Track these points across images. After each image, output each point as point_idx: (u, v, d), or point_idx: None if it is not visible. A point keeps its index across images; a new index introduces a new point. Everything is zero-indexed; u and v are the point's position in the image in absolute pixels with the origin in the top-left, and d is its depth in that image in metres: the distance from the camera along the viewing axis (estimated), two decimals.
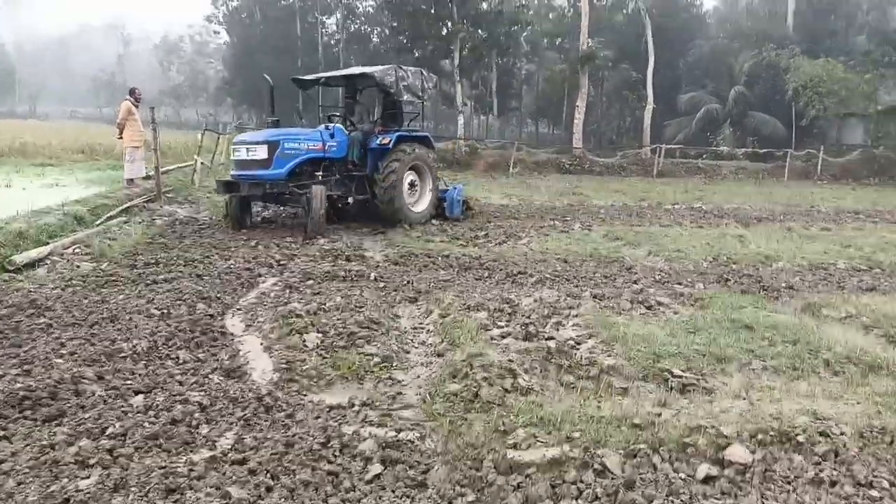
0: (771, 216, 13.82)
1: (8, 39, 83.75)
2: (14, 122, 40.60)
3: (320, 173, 9.72)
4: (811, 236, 11.08)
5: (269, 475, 2.96)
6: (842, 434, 3.54)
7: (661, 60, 33.50)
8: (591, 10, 30.72)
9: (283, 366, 4.45)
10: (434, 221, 11.09)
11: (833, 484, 3.04)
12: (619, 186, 20.20)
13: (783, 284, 7.19)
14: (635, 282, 7.14)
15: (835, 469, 3.18)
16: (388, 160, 10.19)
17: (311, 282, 6.72)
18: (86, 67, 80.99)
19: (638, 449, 3.26)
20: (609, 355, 4.71)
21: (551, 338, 5.03)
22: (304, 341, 4.87)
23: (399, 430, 3.52)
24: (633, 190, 18.97)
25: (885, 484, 3.03)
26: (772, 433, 3.52)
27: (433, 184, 11.14)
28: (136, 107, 12.39)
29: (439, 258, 8.22)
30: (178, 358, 4.50)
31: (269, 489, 2.85)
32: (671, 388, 4.20)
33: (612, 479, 2.99)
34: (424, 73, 11.57)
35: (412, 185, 10.81)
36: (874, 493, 2.96)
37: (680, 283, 7.13)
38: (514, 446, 3.34)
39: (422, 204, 10.98)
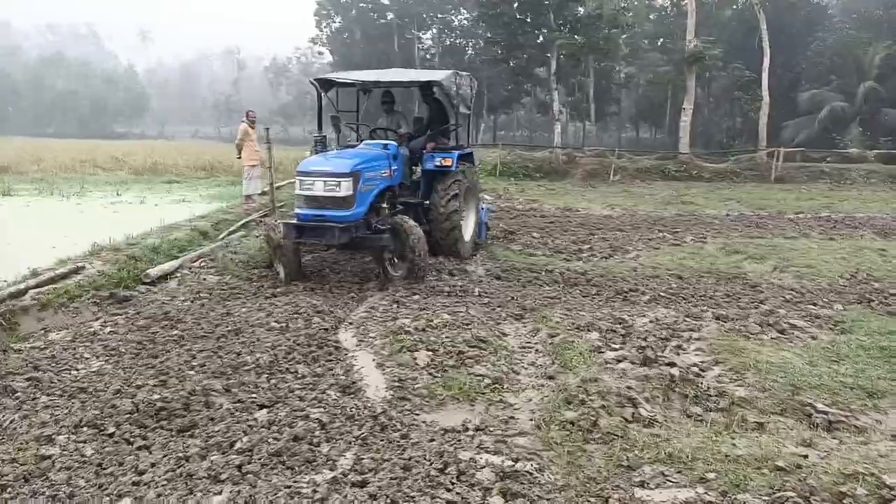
0: None
1: (141, 68, 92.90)
2: (146, 142, 44.88)
3: (385, 205, 7.66)
4: None
5: (388, 500, 2.95)
6: None
7: (777, 57, 31.21)
8: (698, 8, 29.22)
9: (396, 384, 4.48)
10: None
11: None
12: (732, 194, 18.96)
13: None
14: (762, 301, 6.59)
15: None
16: (447, 183, 8.22)
17: (416, 296, 6.77)
18: (206, 91, 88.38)
19: (785, 497, 2.94)
20: (740, 385, 4.35)
21: (672, 363, 4.72)
22: (415, 359, 4.88)
23: (516, 460, 3.41)
24: (749, 197, 17.72)
25: None
26: None
27: (476, 207, 9.47)
28: (252, 127, 13.18)
29: (543, 273, 8.02)
30: (297, 372, 4.66)
31: None
32: (816, 426, 3.79)
33: None
34: (472, 78, 9.61)
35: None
36: None
37: (815, 304, 6.50)
38: (642, 484, 3.14)
39: (469, 230, 9.09)
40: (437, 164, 8.35)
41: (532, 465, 3.35)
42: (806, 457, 3.33)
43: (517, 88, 44.97)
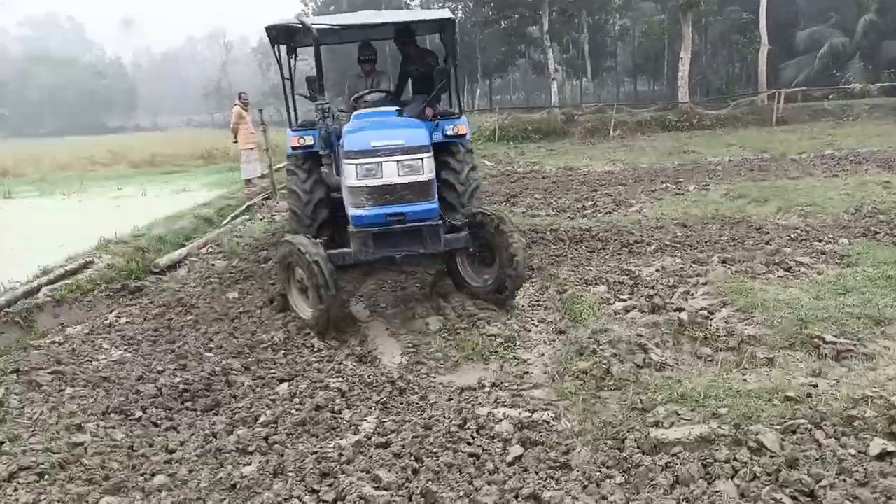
0: None
1: (127, 59, 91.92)
2: (140, 135, 44.74)
3: None
4: None
5: (413, 458, 3.05)
6: None
7: None
8: None
9: (411, 349, 4.56)
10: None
11: None
12: (734, 139, 18.77)
13: None
14: (768, 242, 6.60)
15: None
16: (460, 154, 6.40)
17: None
18: (195, 77, 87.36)
19: (797, 424, 3.01)
20: (748, 324, 4.40)
21: (680, 309, 4.77)
22: (427, 325, 4.96)
23: (533, 411, 3.50)
24: (751, 141, 17.55)
25: None
26: None
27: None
28: (246, 110, 13.12)
29: (548, 232, 8.03)
30: (312, 346, 4.74)
31: (415, 472, 2.93)
32: (825, 356, 3.85)
33: (772, 457, 2.78)
34: None
35: None
36: None
37: (820, 241, 6.51)
38: (656, 424, 3.22)
39: None
40: (450, 133, 6.35)
41: (548, 414, 3.44)
42: (816, 386, 3.39)
43: (511, 50, 44.22)
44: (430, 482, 2.80)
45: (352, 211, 4.90)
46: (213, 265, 7.33)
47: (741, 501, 2.51)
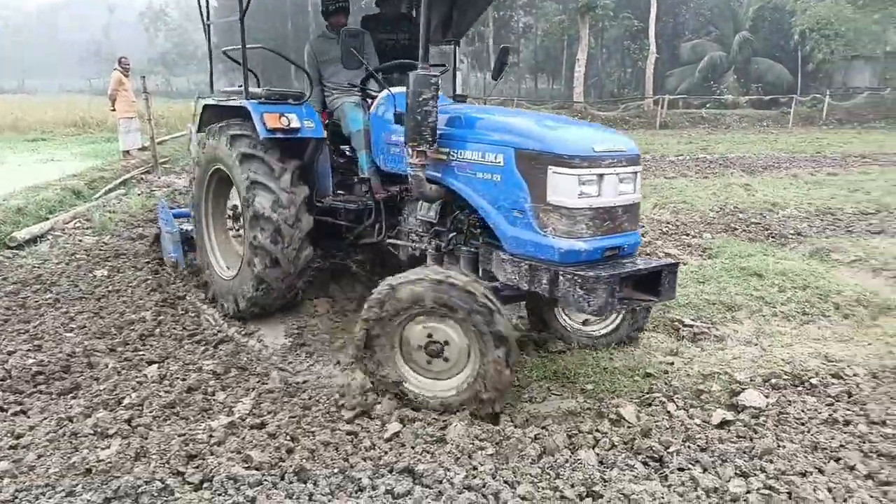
0: (776, 163, 13.65)
1: None
2: (2, 97, 40.10)
3: None
4: (818, 182, 10.95)
5: (289, 437, 2.98)
6: (854, 375, 3.56)
7: (664, 7, 32.65)
8: None
9: (295, 331, 4.45)
10: None
11: (847, 423, 3.06)
12: None
13: (791, 231, 7.14)
14: (643, 235, 7.08)
15: (848, 409, 3.20)
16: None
17: None
18: (73, 38, 79.44)
19: (653, 398, 3.27)
20: None
21: None
22: (315, 307, 4.85)
23: None
24: (636, 142, 18.67)
25: None
26: (785, 377, 3.53)
27: None
28: (126, 76, 12.16)
29: None
30: (187, 326, 4.51)
31: (289, 451, 2.87)
32: (682, 338, 4.20)
33: (629, 427, 3.00)
34: None
35: None
36: (888, 430, 2.97)
37: (687, 235, 7.08)
38: (530, 400, 3.37)
39: None
40: None
41: None
42: (672, 364, 3.70)
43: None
44: (304, 460, 2.76)
45: (561, 242, 3.10)
46: (80, 241, 6.74)
47: (600, 468, 2.68)
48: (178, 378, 3.68)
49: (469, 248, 3.62)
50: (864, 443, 2.88)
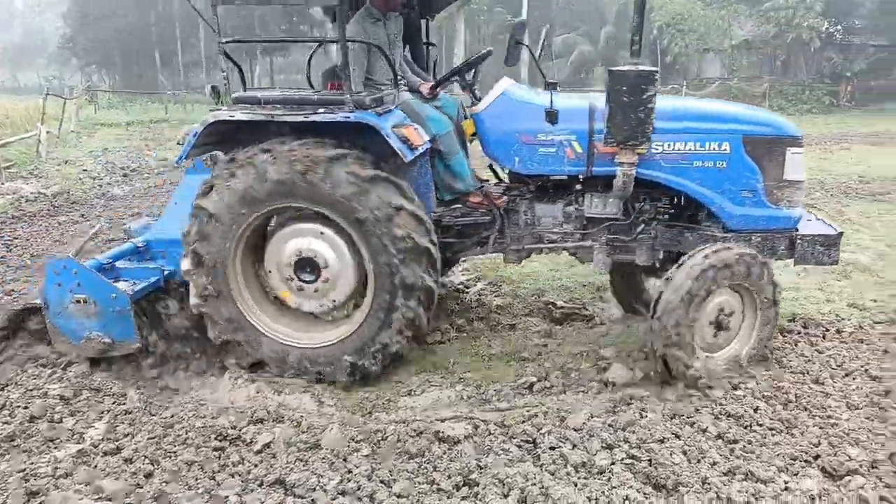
0: None
1: None
2: None
3: None
4: None
5: (147, 461, 2.75)
6: None
7: (534, 3, 33.88)
8: None
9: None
10: None
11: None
12: None
13: None
14: None
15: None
16: None
17: None
18: None
19: (528, 381, 3.37)
20: (497, 295, 4.82)
21: (442, 285, 5.04)
22: None
23: (290, 395, 3.39)
24: None
25: None
26: (645, 349, 3.76)
27: None
28: None
29: None
30: (31, 347, 4.04)
31: (148, 475, 2.65)
32: (555, 319, 4.36)
33: (505, 412, 3.07)
34: None
35: None
36: (738, 392, 3.23)
37: None
38: (409, 394, 3.35)
39: None
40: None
41: (308, 397, 3.36)
42: (546, 346, 3.84)
43: (292, 29, 42.69)
44: (165, 484, 2.56)
45: (794, 212, 3.60)
46: None
47: (476, 455, 2.70)
48: (19, 406, 3.28)
49: (648, 234, 3.71)
50: (716, 406, 3.11)
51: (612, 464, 2.60)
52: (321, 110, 3.35)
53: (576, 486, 2.44)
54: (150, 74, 42.87)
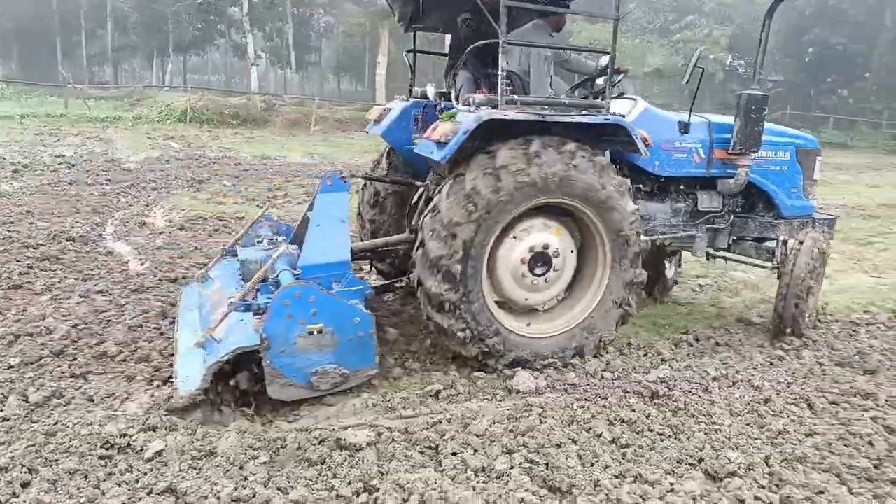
0: None
1: None
2: None
3: None
4: None
5: (25, 470, 2.55)
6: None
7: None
8: None
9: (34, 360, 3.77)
10: None
11: (601, 398, 3.47)
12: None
13: None
14: None
15: (603, 385, 3.63)
16: None
17: None
18: None
19: (435, 390, 3.40)
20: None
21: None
22: (50, 329, 4.16)
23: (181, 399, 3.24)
24: None
25: None
26: (552, 358, 3.90)
27: None
28: None
29: (232, 221, 7.75)
30: None
31: (24, 485, 2.46)
32: None
33: (410, 419, 3.09)
34: None
35: None
36: (632, 399, 3.42)
37: None
38: (313, 402, 3.29)
39: None
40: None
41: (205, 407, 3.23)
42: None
43: (208, 28, 41.26)
44: (43, 493, 2.37)
45: (814, 203, 5.14)
46: None
47: (378, 462, 2.70)
48: None
49: (727, 223, 4.82)
50: (611, 412, 3.26)
51: (511, 468, 2.68)
52: (584, 112, 3.78)
53: (474, 489, 2.49)
54: (51, 65, 39.92)
